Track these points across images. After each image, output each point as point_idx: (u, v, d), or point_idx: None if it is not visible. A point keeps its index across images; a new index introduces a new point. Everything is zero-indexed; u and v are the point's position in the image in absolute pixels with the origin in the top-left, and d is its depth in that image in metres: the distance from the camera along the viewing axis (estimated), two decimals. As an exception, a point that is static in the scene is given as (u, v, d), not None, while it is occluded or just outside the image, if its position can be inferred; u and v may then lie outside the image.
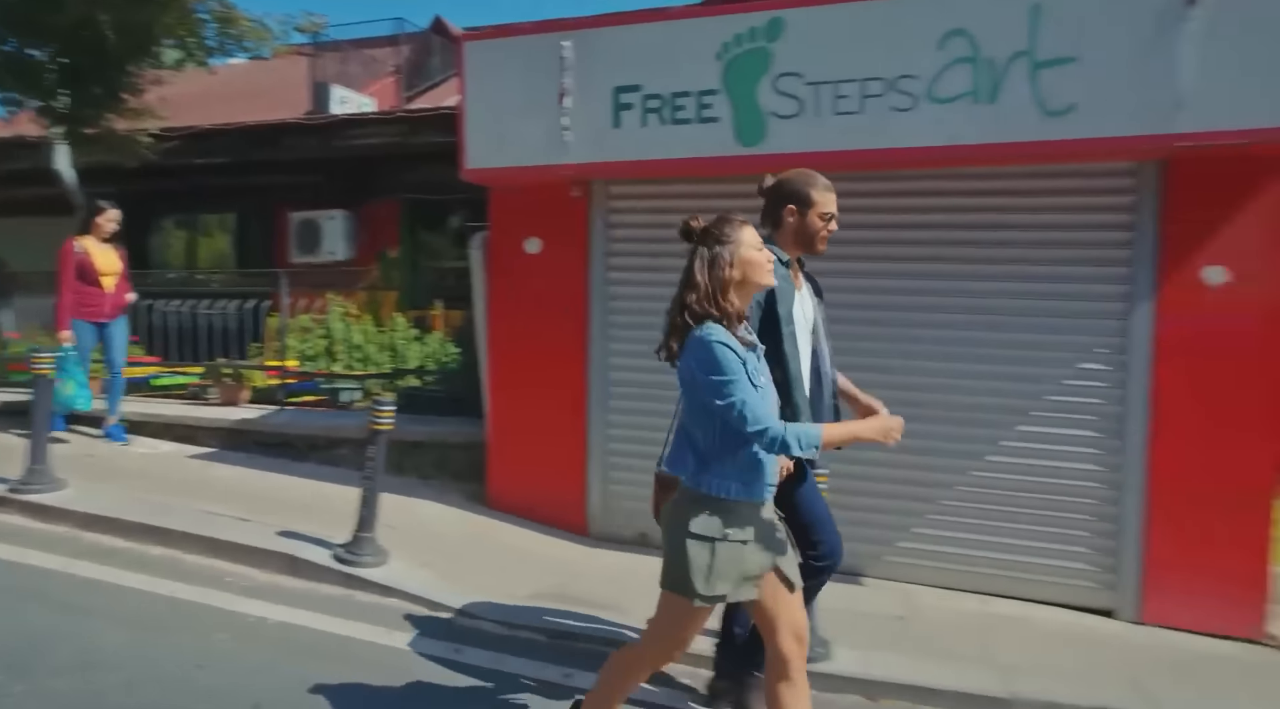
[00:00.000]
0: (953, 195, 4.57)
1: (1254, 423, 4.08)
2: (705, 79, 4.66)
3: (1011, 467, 4.50)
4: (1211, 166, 4.03)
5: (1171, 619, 4.22)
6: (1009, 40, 4.09)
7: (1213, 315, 4.11)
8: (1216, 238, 4.08)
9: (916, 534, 4.69)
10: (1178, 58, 3.87)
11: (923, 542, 4.68)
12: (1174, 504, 4.19)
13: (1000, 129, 4.12)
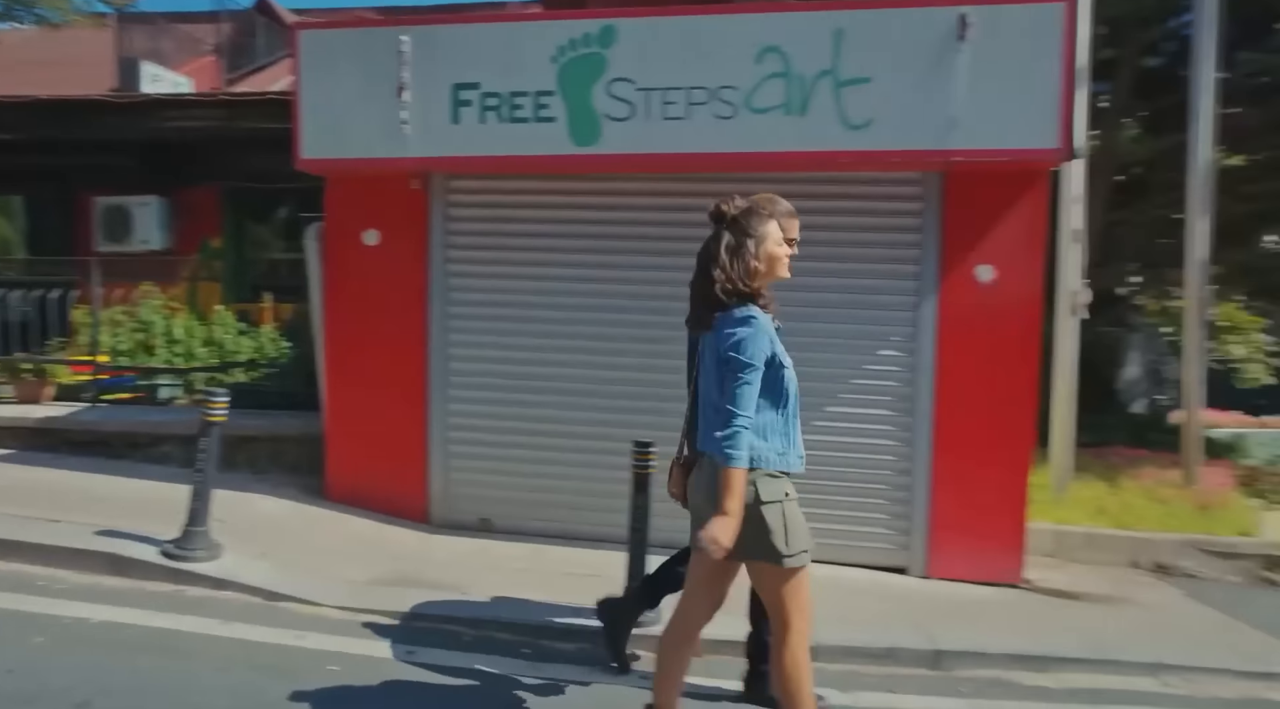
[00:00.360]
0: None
1: (1017, 397, 4.76)
2: (542, 80, 4.86)
3: (821, 444, 4.96)
4: (981, 179, 4.66)
5: (952, 572, 4.85)
6: (816, 59, 4.55)
7: (983, 307, 4.75)
8: (986, 240, 4.73)
9: (740, 508, 5.11)
10: (952, 83, 4.46)
11: (745, 515, 5.10)
12: (953, 471, 4.82)
13: (809, 139, 4.58)
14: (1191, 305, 6.71)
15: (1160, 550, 5.54)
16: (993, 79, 4.44)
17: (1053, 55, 4.38)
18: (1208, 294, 7.00)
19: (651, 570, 3.84)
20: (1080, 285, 5.93)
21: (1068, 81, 4.39)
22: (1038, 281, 4.75)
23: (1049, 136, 4.43)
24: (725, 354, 2.53)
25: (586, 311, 5.25)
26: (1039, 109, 4.41)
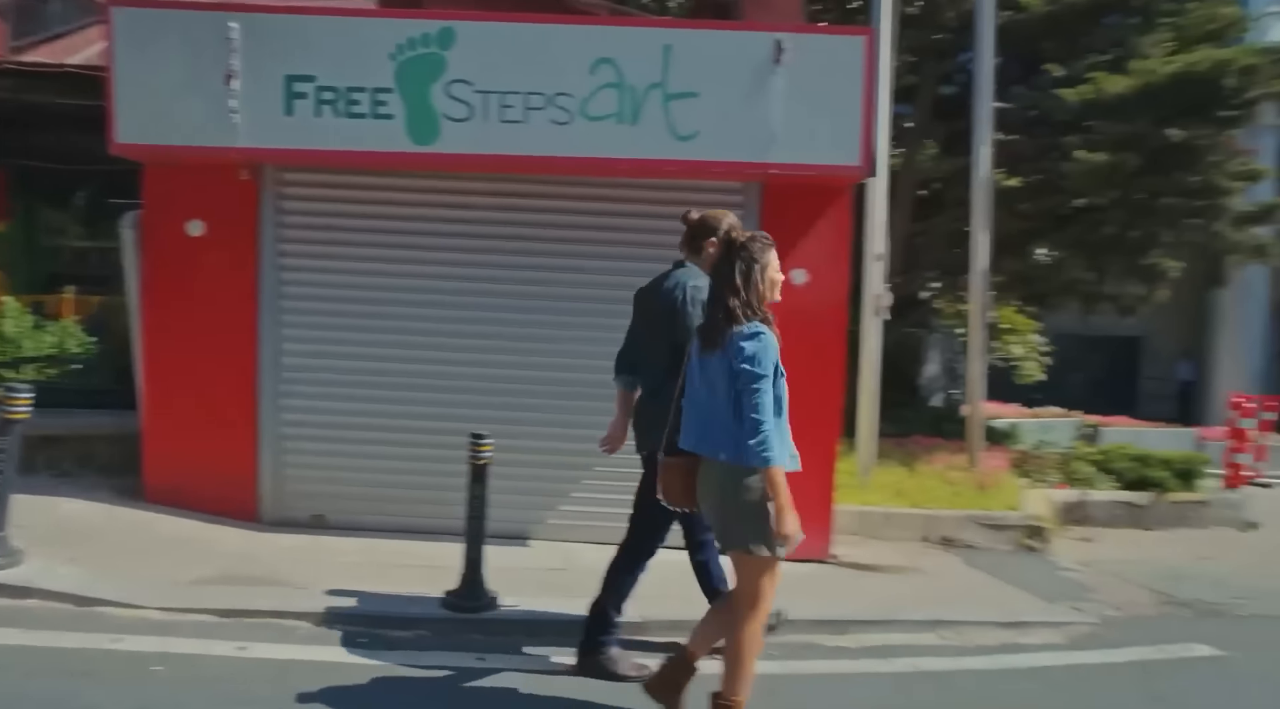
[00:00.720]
0: (603, 200, 5.28)
1: (826, 391, 5.26)
2: (380, 77, 4.88)
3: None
4: (795, 191, 5.12)
5: (769, 550, 5.28)
6: (647, 72, 4.84)
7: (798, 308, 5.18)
8: (800, 247, 5.18)
9: (575, 498, 5.34)
10: (770, 102, 4.88)
11: (580, 505, 5.34)
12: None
13: (640, 147, 4.87)
14: (975, 309, 7.58)
15: (946, 525, 6.27)
16: (805, 100, 4.89)
17: (855, 82, 4.89)
18: (989, 299, 7.92)
19: None
20: (883, 289, 6.58)
21: (868, 106, 4.92)
22: (845, 285, 5.27)
23: (852, 155, 4.94)
24: (739, 367, 2.81)
25: (425, 307, 5.31)
26: (844, 130, 4.91)
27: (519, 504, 5.24)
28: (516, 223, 5.28)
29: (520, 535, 5.25)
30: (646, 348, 3.70)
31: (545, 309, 5.28)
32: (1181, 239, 8.69)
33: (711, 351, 2.94)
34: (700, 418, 3.02)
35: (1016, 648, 4.30)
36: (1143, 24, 8.64)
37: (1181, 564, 6.31)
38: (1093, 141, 7.93)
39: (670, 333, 3.45)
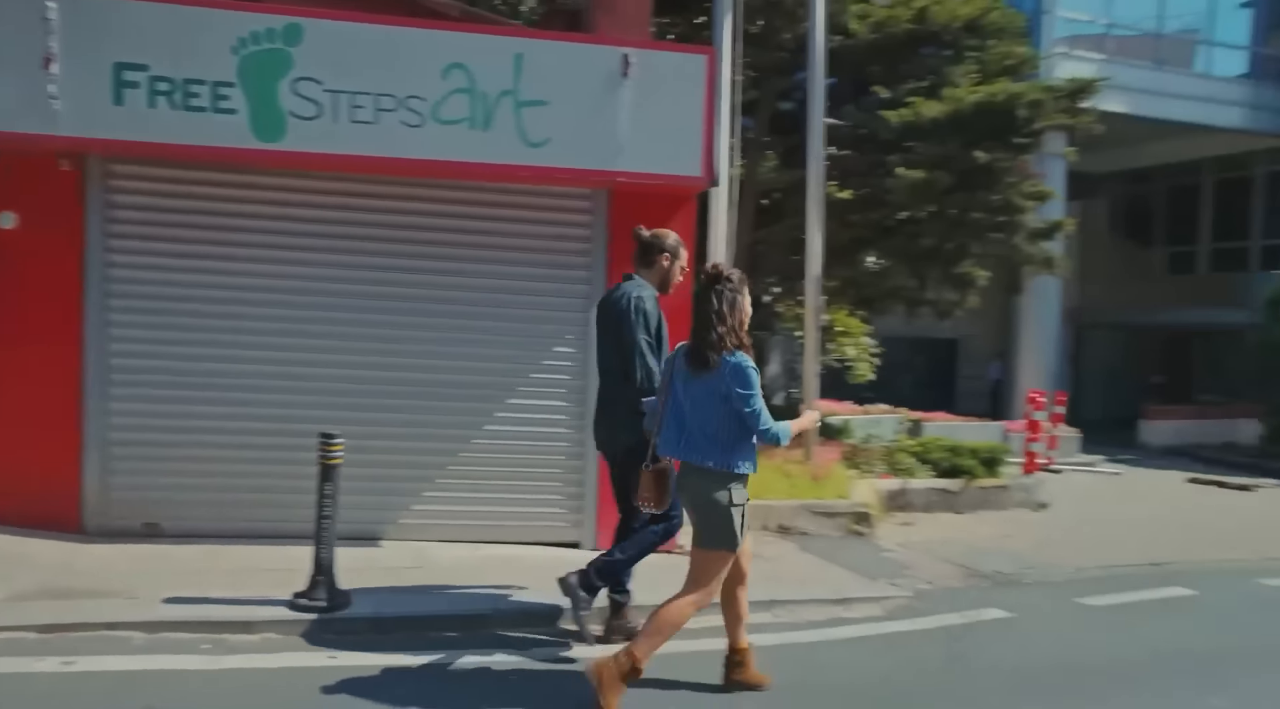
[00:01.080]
0: (456, 203, 5.35)
1: (670, 390, 5.54)
2: (221, 70, 4.74)
3: (503, 433, 5.42)
4: (643, 198, 5.37)
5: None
6: (498, 79, 4.95)
7: (644, 310, 5.47)
8: (646, 252, 5.44)
9: (428, 497, 5.37)
10: (618, 113, 5.11)
11: (433, 504, 5.38)
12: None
13: (492, 152, 4.98)
14: (810, 313, 8.14)
15: (783, 515, 6.72)
16: (651, 113, 5.15)
17: (698, 98, 5.20)
18: (823, 304, 8.52)
19: None
20: (724, 293, 6.96)
21: (710, 121, 5.24)
22: (688, 288, 5.55)
23: (695, 166, 5.25)
24: (732, 389, 3.24)
25: (270, 307, 5.20)
26: (687, 142, 5.21)
27: (370, 505, 5.22)
28: (368, 223, 5.26)
29: (372, 536, 5.23)
30: (601, 352, 4.10)
31: (396, 310, 5.29)
32: (987, 251, 9.67)
33: (699, 373, 3.32)
34: (683, 429, 3.41)
35: (841, 621, 4.73)
36: (953, 56, 9.55)
37: (984, 542, 7.06)
38: (911, 160, 8.70)
39: (619, 337, 3.87)
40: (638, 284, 4.02)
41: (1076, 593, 5.65)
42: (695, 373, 3.34)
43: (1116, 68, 16.62)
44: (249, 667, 3.60)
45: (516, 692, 3.58)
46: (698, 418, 3.35)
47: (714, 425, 3.30)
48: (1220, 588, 6.06)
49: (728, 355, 3.27)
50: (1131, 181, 22.89)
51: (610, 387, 4.05)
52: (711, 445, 3.30)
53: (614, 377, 3.99)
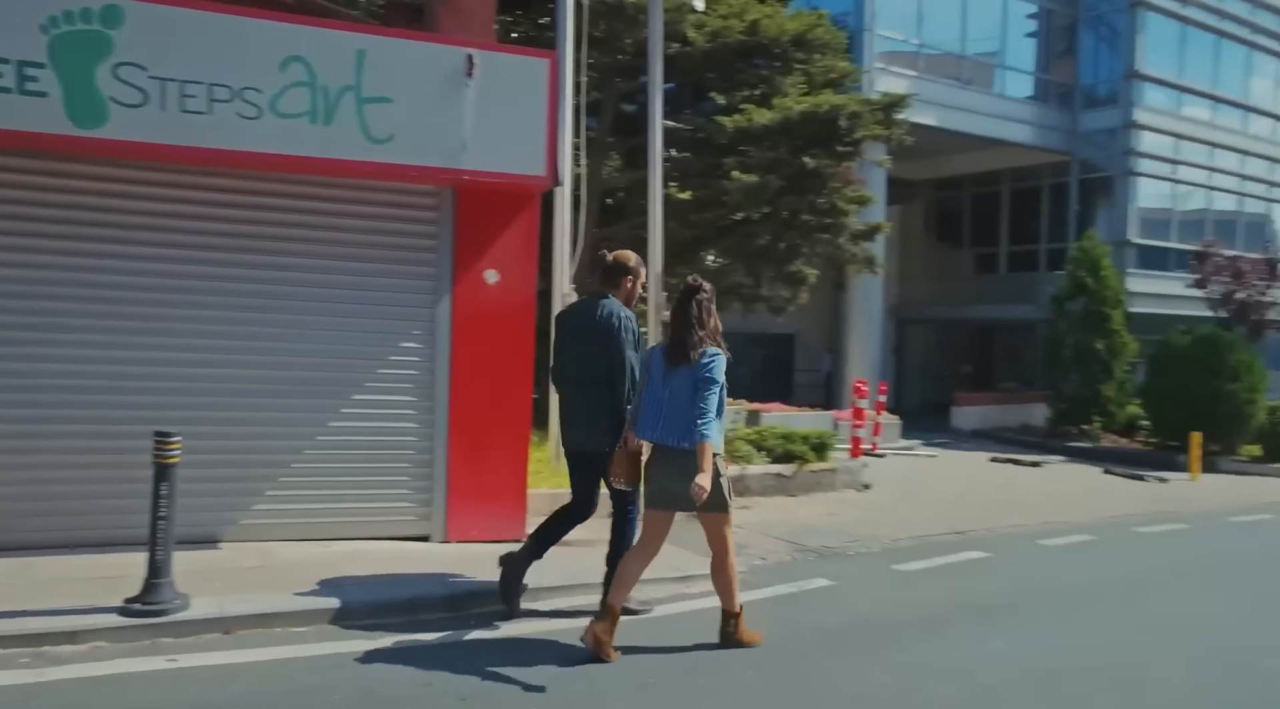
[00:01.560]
0: (298, 197, 5.26)
1: (517, 382, 5.69)
2: (28, 49, 4.46)
3: (349, 429, 5.39)
4: (488, 196, 5.49)
5: (467, 535, 5.60)
6: (339, 75, 4.93)
7: (490, 304, 5.59)
8: (492, 248, 5.57)
9: (270, 496, 5.26)
10: (463, 112, 5.20)
11: (276, 503, 5.28)
12: (467, 448, 5.57)
13: (334, 147, 4.95)
14: (652, 310, 8.48)
15: (629, 501, 7.00)
16: (495, 113, 5.28)
17: (541, 100, 5.38)
18: (664, 300, 8.89)
19: (532, 529, 4.65)
20: (570, 290, 7.17)
21: (552, 122, 5.43)
22: (532, 284, 5.74)
23: (538, 166, 5.42)
24: (703, 376, 3.81)
25: (86, 302, 4.92)
26: (530, 142, 5.37)
27: (209, 506, 5.06)
28: (204, 217, 5.09)
29: (211, 538, 5.07)
30: (580, 362, 4.39)
31: (235, 306, 5.15)
32: (815, 251, 10.38)
33: (679, 366, 3.88)
34: (660, 414, 3.93)
35: (683, 597, 5.06)
36: (782, 67, 10.20)
37: (814, 520, 7.64)
38: (746, 163, 9.23)
39: (607, 350, 4.27)
40: (615, 303, 4.37)
41: (892, 561, 6.26)
42: (675, 366, 3.91)
43: (927, 84, 18.19)
44: (77, 677, 3.46)
45: (370, 680, 3.63)
46: (678, 406, 3.88)
47: (704, 407, 3.83)
48: (1009, 550, 6.89)
49: (708, 351, 3.89)
50: (943, 188, 25.03)
51: (592, 394, 4.33)
52: (687, 427, 3.82)
53: (598, 385, 4.31)
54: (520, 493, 5.76)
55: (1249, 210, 24.42)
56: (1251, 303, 17.91)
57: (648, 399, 4.03)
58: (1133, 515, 9.28)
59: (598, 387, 4.32)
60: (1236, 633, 5.04)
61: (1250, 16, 23.68)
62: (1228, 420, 15.45)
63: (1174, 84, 21.96)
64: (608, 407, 4.29)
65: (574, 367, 4.44)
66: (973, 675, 4.03)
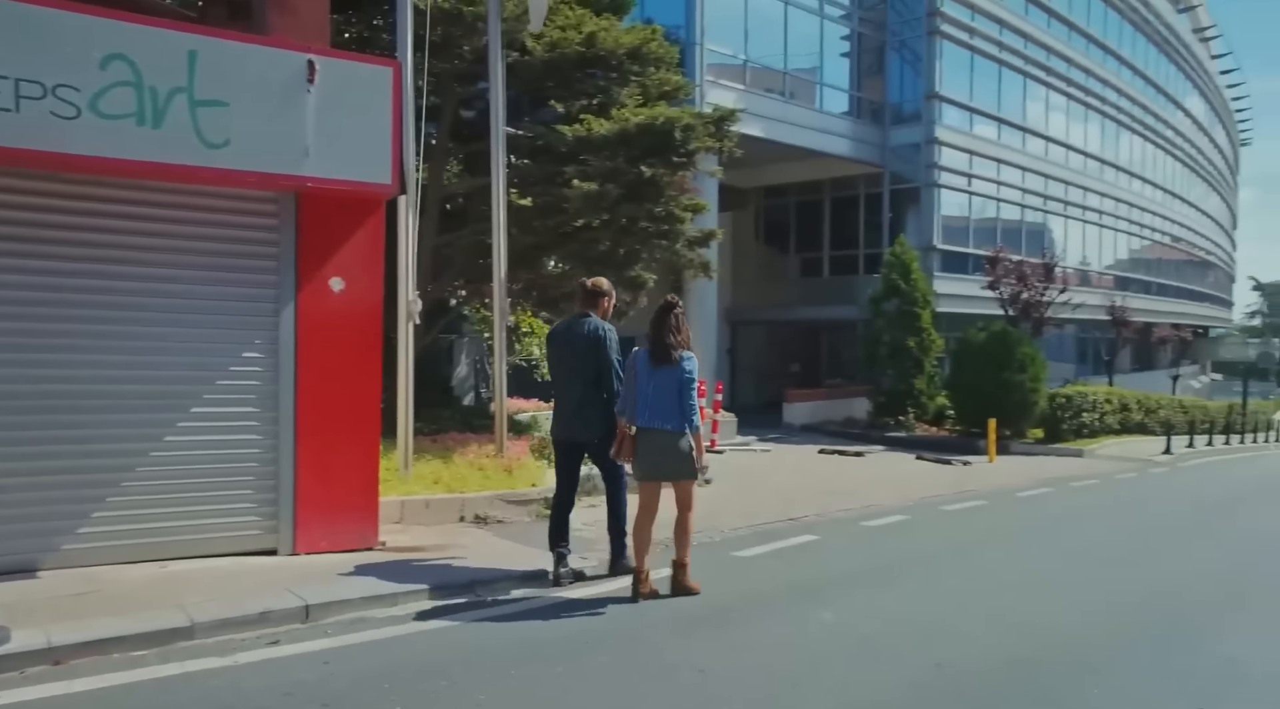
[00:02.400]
0: (124, 202, 5.01)
1: (365, 390, 5.66)
2: None
3: (186, 444, 5.18)
4: (331, 203, 5.43)
5: (318, 546, 5.52)
6: (169, 76, 4.75)
7: (336, 312, 5.53)
8: (337, 256, 5.52)
9: (98, 518, 4.97)
10: (305, 118, 5.13)
11: (105, 525, 4.99)
12: (314, 457, 5.49)
13: (165, 151, 4.76)
14: (496, 315, 8.57)
15: (479, 505, 7.09)
16: (338, 120, 5.25)
17: (385, 108, 5.39)
18: (508, 305, 9.00)
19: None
20: (414, 297, 7.14)
21: (397, 129, 5.45)
22: (379, 292, 5.73)
23: (384, 173, 5.43)
24: (685, 377, 4.97)
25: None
26: (375, 150, 5.37)
27: (26, 532, 4.73)
28: (26, 222, 4.76)
29: (28, 567, 4.73)
30: (576, 372, 5.35)
31: (58, 316, 4.84)
32: (653, 256, 10.78)
33: (661, 365, 4.98)
34: (650, 405, 5.02)
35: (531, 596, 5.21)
36: (619, 79, 10.53)
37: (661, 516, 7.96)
38: (585, 172, 9.47)
39: (596, 360, 5.30)
40: (597, 321, 5.40)
41: (732, 548, 6.69)
42: (658, 365, 4.99)
43: (754, 98, 19.22)
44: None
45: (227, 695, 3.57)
46: (660, 397, 4.99)
47: (673, 400, 4.95)
48: (837, 532, 7.52)
49: (685, 355, 5.01)
50: (771, 196, 26.45)
51: (584, 394, 5.34)
52: (672, 413, 4.97)
53: (590, 387, 5.33)
54: (371, 501, 5.73)
55: (1029, 220, 27.41)
56: (1034, 302, 20.13)
57: (639, 393, 5.05)
58: (941, 495, 10.30)
59: (588, 388, 5.32)
60: (1022, 590, 5.81)
61: (1024, 49, 26.61)
62: (1016, 407, 17.31)
63: (966, 106, 24.33)
64: (599, 403, 5.31)
65: (568, 372, 5.39)
66: (805, 646, 4.45)
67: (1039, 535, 8.14)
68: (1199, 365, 45.34)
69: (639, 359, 5.07)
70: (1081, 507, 10.18)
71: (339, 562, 5.43)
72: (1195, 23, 43.27)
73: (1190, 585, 6.14)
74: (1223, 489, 12.91)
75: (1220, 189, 48.73)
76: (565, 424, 5.48)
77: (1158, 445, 18.82)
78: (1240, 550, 7.66)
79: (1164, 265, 38.68)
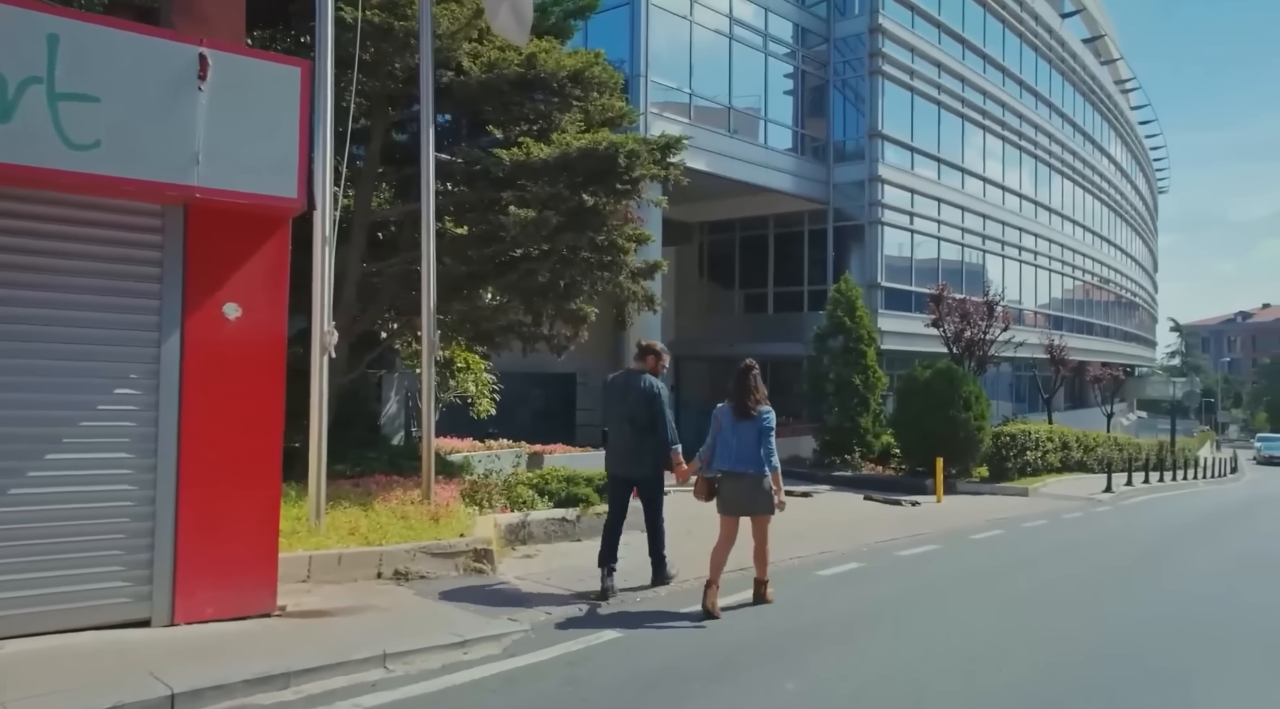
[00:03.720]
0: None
1: (265, 431, 4.95)
2: None
3: (37, 498, 4.38)
4: (227, 218, 4.76)
5: (202, 615, 4.74)
6: (22, 63, 4.05)
7: (231, 343, 4.83)
8: (233, 278, 4.83)
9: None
10: (194, 121, 4.48)
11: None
12: (201, 511, 4.74)
13: (16, 151, 4.04)
14: (425, 349, 7.91)
15: (399, 559, 6.35)
16: (236, 125, 4.60)
17: (292, 113, 4.77)
18: (437, 339, 8.35)
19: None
20: (330, 327, 6.45)
21: (306, 138, 4.83)
22: (282, 320, 5.04)
23: (288, 187, 4.78)
24: (764, 427, 5.85)
25: None
26: (279, 160, 4.73)
27: None
28: None
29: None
30: (629, 419, 6.27)
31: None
32: (595, 289, 10.24)
33: (743, 420, 5.89)
34: (733, 453, 5.89)
35: (459, 665, 4.53)
36: (561, 103, 10.05)
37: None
38: (523, 198, 8.91)
39: (649, 409, 6.22)
40: (646, 376, 6.35)
41: (680, 604, 6.08)
42: (740, 420, 5.91)
43: (699, 131, 19.00)
44: None
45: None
46: (742, 446, 5.88)
47: (754, 449, 5.86)
48: (791, 583, 6.96)
49: (763, 409, 5.94)
50: (715, 231, 26.28)
51: (636, 437, 6.27)
52: (754, 459, 5.86)
53: (642, 432, 6.25)
54: (269, 560, 4.99)
55: (969, 260, 27.77)
56: (977, 340, 20.15)
57: (721, 443, 5.99)
58: (894, 539, 9.86)
59: (641, 433, 6.25)
60: (988, 639, 5.34)
61: (962, 92, 27.17)
62: (962, 446, 17.15)
63: (908, 145, 24.61)
64: (651, 447, 6.26)
65: (622, 419, 6.32)
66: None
67: (1000, 582, 7.73)
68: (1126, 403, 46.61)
69: (723, 414, 6.03)
70: (1037, 549, 9.87)
71: (225, 633, 4.66)
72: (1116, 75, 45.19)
73: (1159, 633, 5.76)
74: (1175, 522, 12.77)
75: (1142, 233, 50.65)
76: (619, 462, 6.44)
77: (1098, 483, 18.85)
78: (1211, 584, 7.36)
79: (1094, 305, 39.77)
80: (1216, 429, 64.97)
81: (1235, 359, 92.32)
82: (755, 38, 21.87)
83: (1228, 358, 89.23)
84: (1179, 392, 40.10)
